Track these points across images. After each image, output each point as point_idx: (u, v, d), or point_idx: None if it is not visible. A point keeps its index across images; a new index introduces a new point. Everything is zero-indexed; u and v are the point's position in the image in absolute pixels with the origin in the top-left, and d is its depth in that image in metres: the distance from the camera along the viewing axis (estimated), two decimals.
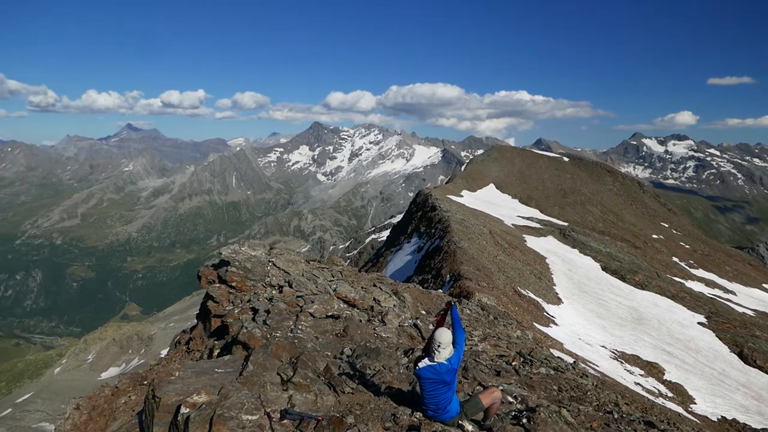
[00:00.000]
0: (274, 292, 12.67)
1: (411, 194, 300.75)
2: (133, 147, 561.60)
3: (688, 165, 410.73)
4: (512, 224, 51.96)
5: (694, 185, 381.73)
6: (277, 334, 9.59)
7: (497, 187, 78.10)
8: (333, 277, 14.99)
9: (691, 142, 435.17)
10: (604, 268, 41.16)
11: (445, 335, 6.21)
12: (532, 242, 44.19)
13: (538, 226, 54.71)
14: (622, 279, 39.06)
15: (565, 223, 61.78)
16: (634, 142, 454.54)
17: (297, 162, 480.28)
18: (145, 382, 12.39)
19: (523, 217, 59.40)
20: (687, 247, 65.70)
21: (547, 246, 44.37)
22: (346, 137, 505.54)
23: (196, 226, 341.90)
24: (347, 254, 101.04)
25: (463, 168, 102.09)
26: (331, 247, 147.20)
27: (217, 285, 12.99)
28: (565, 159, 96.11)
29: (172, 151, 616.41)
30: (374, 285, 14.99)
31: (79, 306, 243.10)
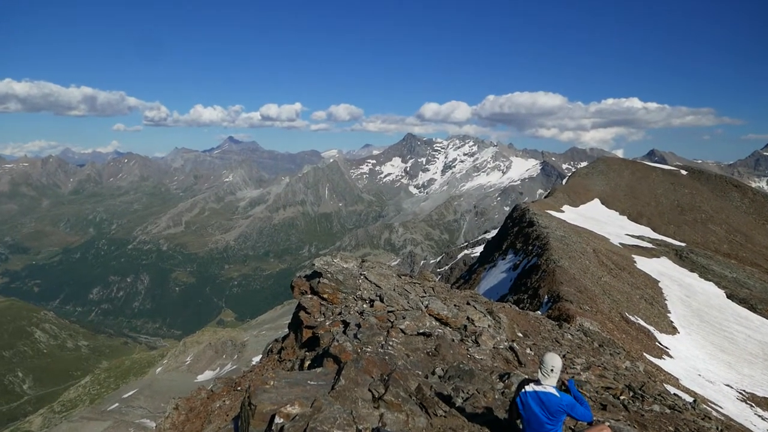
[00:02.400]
0: (365, 305, 12.80)
1: (507, 209, 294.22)
2: (233, 159, 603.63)
3: None
4: (620, 243, 49.46)
5: None
6: (368, 350, 9.66)
7: (603, 203, 74.62)
8: (425, 293, 14.92)
9: None
10: (729, 296, 37.87)
11: (556, 359, 5.97)
12: (643, 263, 41.85)
13: (649, 245, 51.66)
14: (752, 309, 35.55)
15: (682, 244, 57.61)
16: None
17: (389, 174, 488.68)
18: (239, 388, 13.07)
19: (633, 236, 56.41)
20: None
21: (660, 268, 41.86)
22: (439, 149, 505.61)
23: (289, 236, 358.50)
24: (438, 269, 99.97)
25: (564, 181, 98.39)
26: (422, 262, 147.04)
27: (310, 296, 13.40)
28: (683, 172, 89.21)
29: (268, 163, 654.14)
30: (467, 303, 14.73)
31: (180, 309, 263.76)
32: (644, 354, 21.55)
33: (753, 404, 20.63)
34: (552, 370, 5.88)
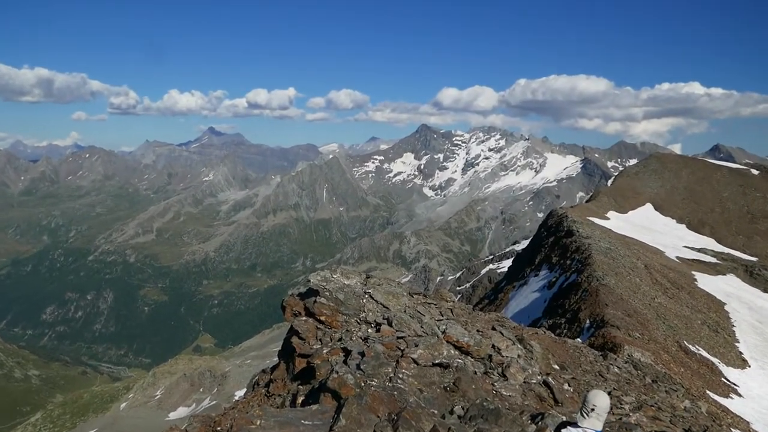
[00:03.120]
0: (370, 330, 12.88)
1: (540, 215, 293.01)
2: (214, 154, 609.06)
3: None
4: (677, 257, 49.50)
5: None
6: (374, 383, 9.67)
7: (656, 208, 74.40)
8: (441, 315, 14.93)
9: None
10: None
11: (603, 398, 5.95)
12: (706, 282, 41.77)
13: (713, 260, 51.59)
14: None
15: (754, 258, 57.39)
16: None
17: (400, 173, 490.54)
18: (219, 429, 13.08)
19: (693, 249, 56.38)
20: None
21: (727, 288, 41.76)
22: (459, 143, 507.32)
23: (279, 246, 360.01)
24: (458, 288, 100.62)
25: (610, 182, 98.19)
26: (439, 278, 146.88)
27: (304, 318, 13.44)
28: (754, 171, 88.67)
29: (256, 159, 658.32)
30: (493, 328, 14.72)
31: (149, 333, 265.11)
32: (707, 392, 21.42)
33: None
34: (594, 409, 5.86)
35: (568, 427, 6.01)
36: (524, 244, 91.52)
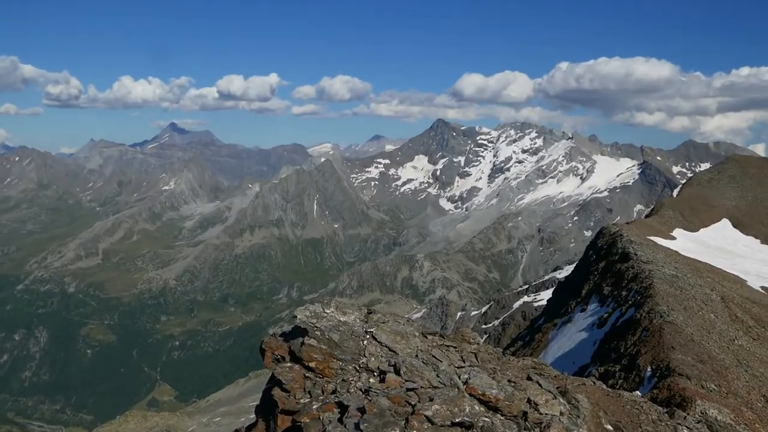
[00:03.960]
0: (372, 380, 12.66)
1: (588, 233, 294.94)
2: (176, 156, 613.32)
3: None
4: (762, 287, 49.01)
5: None
6: None
7: (735, 225, 74.27)
8: (463, 361, 14.77)
9: None
10: None
11: None
12: None
13: None
14: None
15: None
16: None
17: (410, 180, 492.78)
18: None
19: None
20: None
21: None
22: (485, 143, 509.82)
23: (258, 273, 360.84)
24: (485, 326, 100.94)
25: (675, 192, 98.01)
26: (460, 314, 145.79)
27: (289, 365, 13.24)
28: None
29: (228, 163, 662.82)
30: (529, 378, 14.63)
31: (93, 382, 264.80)
32: None
33: None
34: None
35: None
36: (568, 270, 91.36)
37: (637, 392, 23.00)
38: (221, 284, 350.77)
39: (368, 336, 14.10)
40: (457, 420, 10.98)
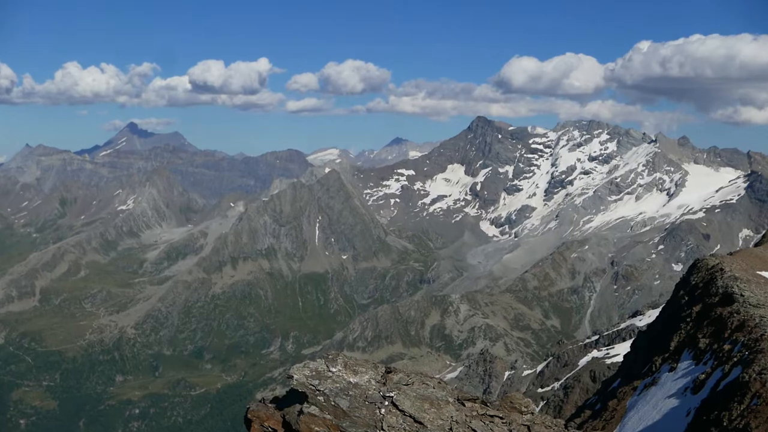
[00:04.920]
0: None
1: (678, 267, 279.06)
2: (136, 166, 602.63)
3: None
4: None
5: None
6: None
7: None
8: None
9: None
10: None
11: None
12: None
13: None
14: None
15: None
16: None
17: (441, 197, 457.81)
18: None
19: None
20: None
21: None
22: (541, 148, 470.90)
23: (242, 319, 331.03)
24: (541, 389, 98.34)
25: None
26: (508, 374, 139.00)
27: None
28: None
29: (204, 175, 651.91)
30: None
31: None
32: None
33: None
34: None
35: None
36: (651, 316, 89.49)
37: None
38: (194, 334, 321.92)
39: (387, 402, 13.65)
40: None
